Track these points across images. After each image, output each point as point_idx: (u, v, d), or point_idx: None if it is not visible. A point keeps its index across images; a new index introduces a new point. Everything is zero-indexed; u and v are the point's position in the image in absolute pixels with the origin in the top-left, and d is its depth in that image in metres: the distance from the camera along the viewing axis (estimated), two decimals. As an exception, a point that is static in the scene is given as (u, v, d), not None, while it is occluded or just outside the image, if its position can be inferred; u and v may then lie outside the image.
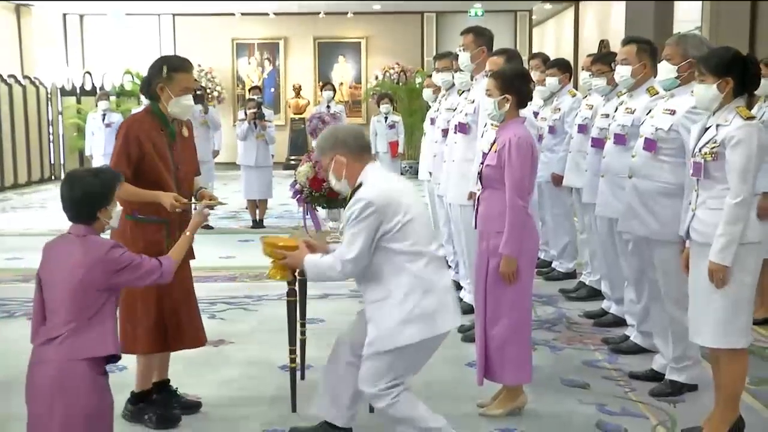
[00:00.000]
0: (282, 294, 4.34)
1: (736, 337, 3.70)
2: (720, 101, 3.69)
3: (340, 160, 3.54)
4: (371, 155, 3.65)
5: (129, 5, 17.06)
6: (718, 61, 3.68)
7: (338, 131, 3.64)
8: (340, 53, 18.72)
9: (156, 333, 4.05)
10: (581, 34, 19.08)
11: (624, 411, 4.24)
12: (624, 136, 5.01)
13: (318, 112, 8.02)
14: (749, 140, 3.56)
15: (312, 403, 3.95)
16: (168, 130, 4.08)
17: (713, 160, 3.64)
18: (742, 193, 3.55)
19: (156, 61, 4.13)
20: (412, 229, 3.40)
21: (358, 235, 3.37)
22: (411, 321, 3.38)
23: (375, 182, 3.47)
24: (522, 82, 4.23)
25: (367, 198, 3.38)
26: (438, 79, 6.77)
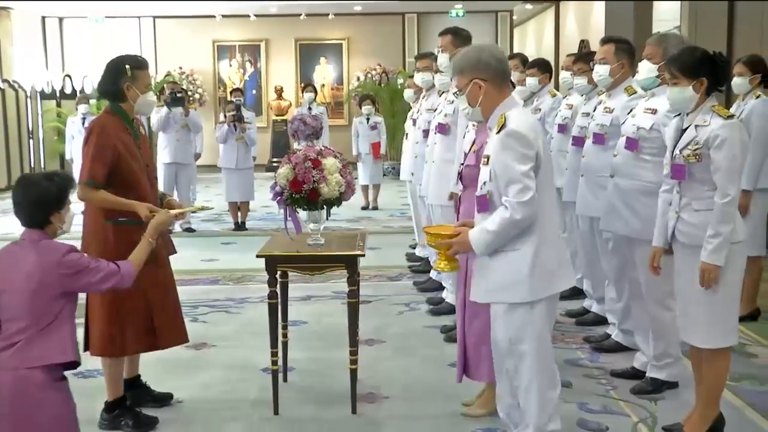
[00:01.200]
0: (264, 296, 4.34)
1: (727, 336, 3.72)
2: (695, 102, 3.71)
3: (479, 84, 3.36)
4: (509, 87, 3.49)
5: (109, 8, 16.97)
6: (691, 63, 3.71)
7: (483, 52, 3.40)
8: (322, 55, 18.69)
9: (145, 331, 4.06)
10: (562, 34, 19.16)
11: (605, 409, 4.26)
12: (603, 135, 5.03)
13: (300, 114, 7.96)
14: (733, 139, 3.58)
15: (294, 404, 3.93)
16: (132, 129, 4.11)
17: (697, 161, 3.66)
18: (731, 192, 3.57)
19: (115, 62, 4.11)
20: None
21: (521, 172, 3.17)
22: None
23: (519, 115, 3.32)
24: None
25: (524, 131, 3.22)
26: (418, 79, 6.78)
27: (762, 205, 5.66)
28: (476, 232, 3.32)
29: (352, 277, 4.20)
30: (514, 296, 3.32)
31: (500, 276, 3.34)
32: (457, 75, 3.48)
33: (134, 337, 4.04)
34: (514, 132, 3.22)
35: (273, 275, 4.20)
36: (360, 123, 11.87)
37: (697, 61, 3.71)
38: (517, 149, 3.21)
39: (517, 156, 3.21)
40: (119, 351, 4.08)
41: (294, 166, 4.14)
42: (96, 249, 3.94)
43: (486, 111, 3.39)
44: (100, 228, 4.00)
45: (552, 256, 3.32)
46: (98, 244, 3.98)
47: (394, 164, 15.44)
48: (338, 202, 4.23)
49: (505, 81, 3.41)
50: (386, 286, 7.09)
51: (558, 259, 3.36)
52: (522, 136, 3.22)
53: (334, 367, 4.87)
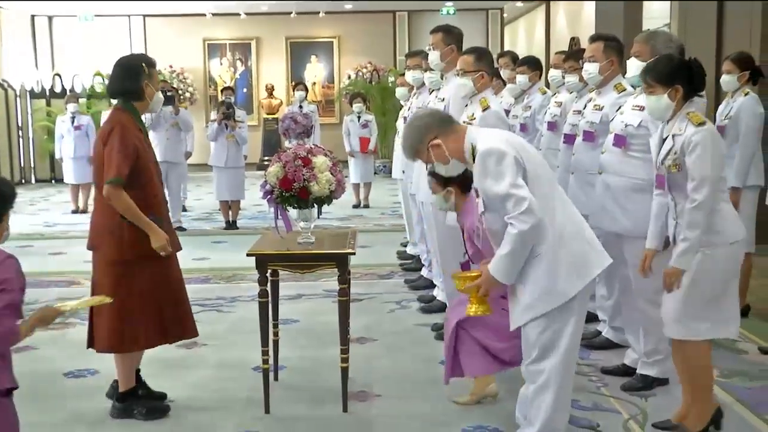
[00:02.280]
0: (255, 295, 4.33)
1: (691, 329, 3.73)
2: (673, 109, 3.74)
3: (437, 143, 3.38)
4: (456, 121, 3.50)
5: (98, 6, 16.92)
6: (666, 71, 3.73)
7: (413, 124, 3.47)
8: (313, 53, 18.68)
9: (157, 326, 4.12)
10: (552, 32, 19.17)
11: (596, 406, 4.27)
12: (592, 132, 5.04)
13: (290, 112, 7.94)
14: (703, 145, 3.60)
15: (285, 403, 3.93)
16: (142, 126, 4.19)
17: (678, 171, 3.69)
18: (698, 197, 3.59)
19: (131, 61, 4.22)
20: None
21: (508, 185, 3.16)
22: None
23: (483, 133, 3.35)
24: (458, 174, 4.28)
25: (492, 146, 3.22)
26: (409, 77, 6.78)
27: (752, 202, 5.68)
28: (494, 264, 3.29)
29: (343, 276, 4.20)
30: (553, 302, 3.29)
31: (532, 288, 3.30)
32: (413, 155, 3.52)
33: (144, 333, 4.10)
34: (483, 152, 3.23)
35: (263, 274, 4.19)
36: (351, 121, 11.87)
37: (671, 68, 3.74)
38: (493, 167, 3.20)
39: (496, 173, 3.19)
40: (128, 347, 4.14)
41: (284, 164, 4.13)
42: (111, 246, 4.03)
43: (458, 154, 3.39)
44: (116, 225, 4.02)
45: (575, 247, 3.28)
46: (113, 241, 4.03)
47: (385, 162, 15.45)
48: (328, 201, 4.23)
49: (447, 123, 3.44)
50: (377, 284, 7.10)
51: (582, 248, 3.30)
52: (492, 152, 3.21)
53: (325, 366, 4.88)
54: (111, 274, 4.05)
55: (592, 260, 3.34)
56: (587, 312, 5.64)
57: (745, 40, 8.05)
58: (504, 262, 3.24)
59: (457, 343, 4.16)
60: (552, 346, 3.34)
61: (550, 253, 3.25)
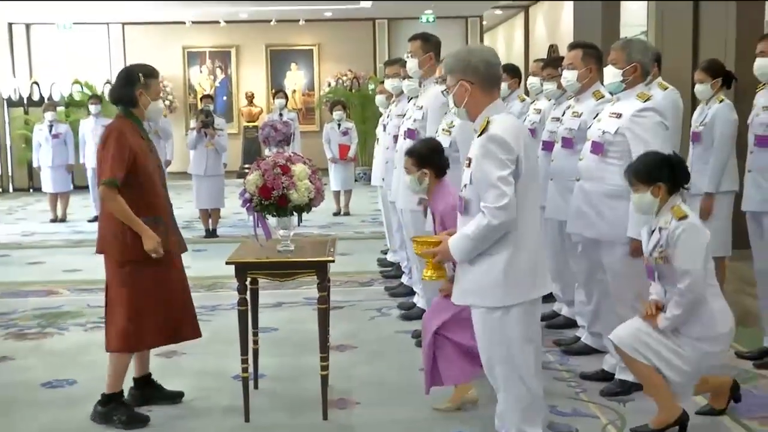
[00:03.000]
0: (235, 303, 4.33)
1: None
2: (658, 205, 3.86)
3: (466, 86, 3.35)
4: (499, 89, 3.47)
5: (77, 14, 16.84)
6: (645, 170, 3.87)
7: (473, 54, 3.38)
8: (293, 60, 18.68)
9: (164, 325, 4.21)
10: (531, 39, 19.30)
11: (575, 411, 4.30)
12: (571, 139, 5.07)
13: (270, 120, 7.93)
14: (686, 236, 3.75)
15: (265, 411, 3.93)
16: (144, 132, 4.33)
17: (664, 263, 3.80)
18: (682, 286, 3.73)
19: (129, 70, 4.37)
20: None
21: (499, 177, 3.17)
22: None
23: (504, 119, 3.31)
24: (436, 155, 4.40)
25: (505, 136, 3.21)
26: (388, 85, 6.80)
27: (726, 208, 5.74)
28: (455, 239, 3.31)
29: (323, 283, 4.20)
30: (486, 300, 3.32)
31: (475, 279, 3.34)
32: (446, 73, 3.47)
33: (151, 333, 4.19)
34: (495, 136, 3.22)
35: (243, 282, 4.19)
36: (331, 129, 11.87)
37: (650, 167, 3.87)
38: (496, 154, 3.20)
39: (495, 161, 3.20)
40: (135, 346, 4.24)
41: (263, 172, 4.13)
42: (116, 249, 4.15)
43: (471, 113, 3.39)
44: (119, 228, 4.13)
45: (527, 262, 3.29)
46: (118, 245, 4.13)
47: (365, 170, 15.46)
48: (308, 209, 4.23)
49: (494, 85, 3.38)
50: (358, 291, 7.10)
51: (533, 266, 3.32)
52: (502, 141, 3.20)
53: (305, 374, 4.87)
54: (118, 275, 4.19)
55: (536, 282, 3.35)
56: (566, 318, 5.78)
57: (721, 46, 8.14)
58: (464, 242, 3.27)
59: (435, 350, 4.18)
60: (496, 346, 3.35)
61: (503, 259, 3.27)
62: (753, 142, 4.99)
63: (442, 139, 4.86)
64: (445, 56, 3.56)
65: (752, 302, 6.12)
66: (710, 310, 3.80)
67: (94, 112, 11.81)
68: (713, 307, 3.82)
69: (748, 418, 4.17)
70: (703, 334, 3.79)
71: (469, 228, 3.25)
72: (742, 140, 5.54)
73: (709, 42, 8.59)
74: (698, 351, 3.81)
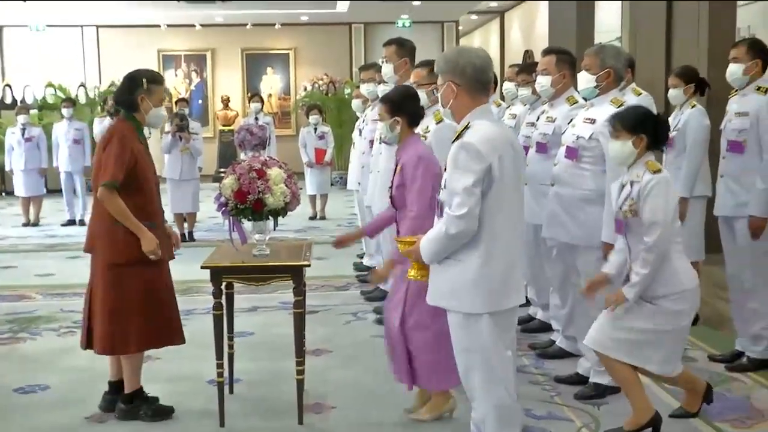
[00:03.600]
0: (210, 308, 4.31)
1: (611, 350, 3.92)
2: (635, 157, 3.85)
3: (452, 88, 3.32)
4: (488, 94, 3.42)
5: (50, 16, 16.69)
6: (633, 119, 3.86)
7: (462, 56, 3.34)
8: (269, 64, 18.64)
9: (147, 330, 4.21)
10: (507, 45, 19.43)
11: (550, 415, 4.32)
12: (545, 144, 5.11)
13: (246, 124, 7.94)
14: (657, 190, 3.74)
15: (240, 416, 3.91)
16: (142, 138, 4.36)
17: (633, 216, 3.80)
18: (650, 240, 3.71)
19: (133, 74, 4.41)
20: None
21: (463, 185, 3.14)
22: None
23: (484, 126, 3.26)
24: (410, 103, 4.33)
25: (478, 144, 3.17)
26: (363, 90, 6.81)
27: (699, 212, 5.80)
28: (424, 240, 3.31)
29: (298, 288, 4.19)
30: (455, 304, 3.31)
31: (446, 283, 3.33)
32: (437, 71, 3.44)
33: (136, 336, 4.20)
34: (467, 144, 3.19)
35: (218, 286, 4.18)
36: (308, 133, 11.86)
37: (639, 117, 3.87)
38: (464, 162, 3.17)
39: (462, 169, 3.17)
40: (120, 349, 4.25)
41: (239, 176, 4.12)
42: (105, 249, 4.18)
43: (456, 115, 3.37)
44: (110, 229, 4.17)
45: (498, 272, 3.25)
46: (107, 244, 4.17)
47: (341, 174, 15.45)
48: (283, 213, 4.22)
49: (481, 90, 3.34)
50: (334, 295, 7.10)
51: (507, 276, 3.27)
52: (474, 149, 3.16)
53: (280, 378, 4.86)
54: (105, 276, 4.20)
55: (507, 292, 3.29)
56: (541, 321, 5.81)
57: (693, 53, 8.24)
58: (430, 245, 3.27)
59: (410, 348, 4.16)
60: (468, 353, 3.34)
61: (472, 268, 3.24)
62: (725, 148, 5.05)
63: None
64: (438, 55, 3.56)
65: (724, 306, 6.20)
66: (673, 267, 3.78)
67: (67, 115, 11.72)
68: (676, 264, 3.80)
69: (720, 420, 4.21)
70: (669, 291, 3.77)
71: (432, 232, 3.28)
72: (714, 146, 5.61)
73: (682, 48, 8.69)
74: (668, 313, 3.78)
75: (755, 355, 4.98)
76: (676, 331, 3.86)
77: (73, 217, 11.80)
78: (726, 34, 7.99)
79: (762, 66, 4.94)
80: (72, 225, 11.65)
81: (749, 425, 4.16)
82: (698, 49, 8.21)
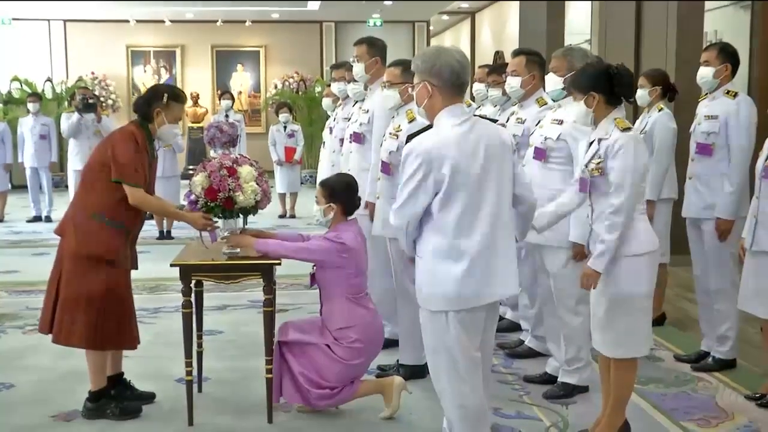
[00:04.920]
0: (179, 306, 4.28)
1: (636, 347, 3.80)
2: (592, 115, 3.81)
3: (428, 88, 3.31)
4: (462, 95, 3.41)
5: (16, 10, 16.46)
6: (582, 78, 3.84)
7: (440, 57, 3.32)
8: (239, 62, 18.54)
9: (93, 331, 4.16)
10: (477, 45, 19.50)
11: (518, 414, 4.35)
12: (515, 145, 5.12)
13: (216, 122, 7.91)
14: (625, 150, 3.67)
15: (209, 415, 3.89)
16: (151, 149, 4.37)
17: (599, 174, 3.74)
18: (615, 201, 3.65)
19: (157, 87, 4.59)
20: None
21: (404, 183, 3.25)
22: None
23: (441, 130, 3.28)
24: (348, 194, 4.37)
25: (421, 152, 3.21)
26: (334, 89, 6.79)
27: (665, 214, 5.86)
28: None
29: (268, 286, 4.18)
30: (419, 300, 3.35)
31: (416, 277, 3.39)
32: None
33: (80, 333, 4.16)
34: (412, 147, 3.24)
35: (187, 284, 4.15)
36: (277, 131, 11.82)
37: (586, 76, 3.84)
38: (410, 163, 3.22)
39: (407, 168, 3.23)
40: (64, 339, 4.21)
41: (209, 174, 4.10)
42: (69, 238, 4.18)
43: (429, 115, 3.37)
44: (86, 221, 4.16)
45: (459, 270, 3.22)
46: (79, 234, 4.15)
47: (311, 172, 15.41)
48: (254, 211, 4.21)
49: (455, 92, 3.34)
50: (303, 294, 7.06)
51: (468, 275, 3.23)
52: (413, 153, 3.21)
53: (250, 377, 4.84)
54: (70, 265, 4.18)
55: (478, 291, 3.25)
56: (510, 321, 5.84)
57: (661, 54, 8.33)
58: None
59: (282, 364, 4.27)
60: (441, 360, 3.33)
61: (424, 265, 3.30)
62: (694, 150, 5.11)
63: (390, 143, 4.86)
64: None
65: (690, 306, 6.29)
66: (636, 230, 3.70)
67: (33, 110, 11.57)
68: (638, 226, 3.72)
69: (686, 419, 4.26)
70: (629, 252, 3.69)
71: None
72: (682, 148, 5.68)
73: (651, 50, 8.79)
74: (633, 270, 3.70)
75: (720, 356, 5.04)
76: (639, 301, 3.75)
77: (38, 213, 11.64)
78: (694, 38, 8.10)
79: (731, 70, 5.00)
80: (38, 221, 11.49)
81: (714, 424, 4.21)
82: (666, 51, 8.31)
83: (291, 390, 4.24)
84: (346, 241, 4.18)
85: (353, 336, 4.20)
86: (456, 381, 3.33)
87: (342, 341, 4.20)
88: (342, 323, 4.23)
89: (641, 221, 3.76)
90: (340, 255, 4.17)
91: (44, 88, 16.18)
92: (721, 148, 4.95)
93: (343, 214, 4.33)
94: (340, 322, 4.23)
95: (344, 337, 4.21)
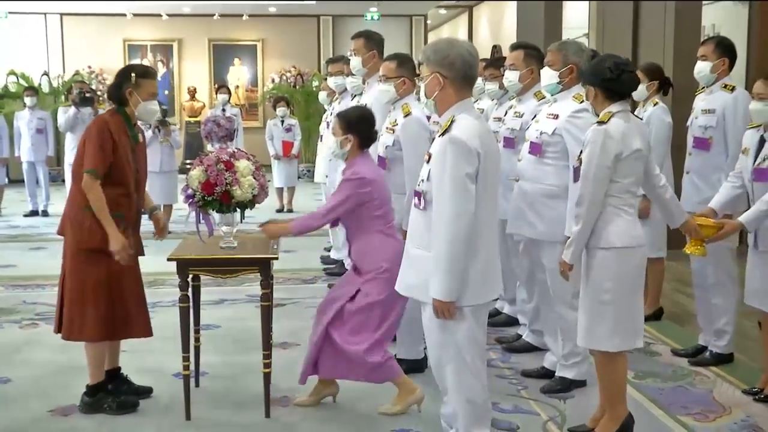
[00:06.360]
0: (176, 300, 4.27)
1: (607, 341, 3.72)
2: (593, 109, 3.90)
3: (439, 79, 3.31)
4: (471, 88, 3.43)
5: (13, 4, 16.41)
6: (584, 72, 3.95)
7: (453, 49, 3.31)
8: (236, 56, 18.50)
9: (104, 321, 4.18)
10: (475, 39, 19.46)
11: (516, 408, 4.35)
12: (513, 139, 5.13)
13: (213, 116, 7.88)
14: (593, 142, 3.66)
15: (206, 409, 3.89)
16: (132, 133, 4.31)
17: (580, 164, 3.76)
18: (580, 192, 3.68)
19: (124, 68, 4.45)
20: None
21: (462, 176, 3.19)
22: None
23: (467, 121, 3.26)
24: (364, 125, 4.33)
25: (465, 139, 3.18)
26: (331, 83, 6.78)
27: (662, 209, 5.84)
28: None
29: (266, 280, 4.17)
30: (424, 296, 3.33)
31: (416, 274, 3.37)
32: (422, 61, 3.42)
33: (91, 326, 4.16)
34: (456, 139, 3.20)
35: (185, 279, 4.14)
36: (274, 125, 11.80)
37: (591, 69, 3.88)
38: (453, 157, 3.19)
39: (452, 165, 3.18)
40: (75, 336, 4.22)
41: (206, 168, 4.09)
42: (72, 234, 4.19)
43: (440, 107, 3.36)
44: (78, 214, 4.17)
45: (479, 266, 3.27)
46: (75, 228, 4.17)
47: (309, 167, 15.41)
48: (251, 205, 4.20)
49: (467, 84, 3.35)
50: (301, 288, 7.08)
51: (485, 271, 3.29)
52: (463, 145, 3.19)
53: (247, 371, 4.84)
54: (70, 261, 4.20)
55: (486, 287, 3.32)
56: (508, 316, 5.84)
57: (659, 50, 8.32)
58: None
59: (323, 344, 4.23)
60: (448, 353, 3.35)
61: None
62: (692, 144, 5.10)
63: (386, 137, 4.86)
64: (427, 45, 3.54)
65: (687, 301, 6.29)
66: (611, 223, 3.65)
67: (29, 104, 11.54)
68: (616, 220, 3.66)
69: (684, 414, 4.27)
70: (599, 245, 3.66)
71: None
72: (678, 142, 5.67)
73: (648, 45, 8.78)
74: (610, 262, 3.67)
75: (718, 350, 5.05)
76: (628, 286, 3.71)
77: (35, 207, 11.63)
78: (691, 32, 8.09)
79: (729, 64, 5.00)
80: (35, 216, 11.48)
81: (712, 419, 4.22)
82: (664, 46, 8.30)
83: (329, 363, 4.20)
84: (366, 175, 4.16)
85: (384, 266, 4.15)
86: (466, 376, 3.36)
87: (373, 273, 4.17)
88: (374, 256, 4.19)
89: (622, 216, 3.68)
90: (362, 190, 4.14)
91: (41, 82, 16.15)
92: (719, 142, 4.95)
93: (359, 147, 4.29)
94: (372, 255, 4.20)
95: (376, 269, 4.17)
